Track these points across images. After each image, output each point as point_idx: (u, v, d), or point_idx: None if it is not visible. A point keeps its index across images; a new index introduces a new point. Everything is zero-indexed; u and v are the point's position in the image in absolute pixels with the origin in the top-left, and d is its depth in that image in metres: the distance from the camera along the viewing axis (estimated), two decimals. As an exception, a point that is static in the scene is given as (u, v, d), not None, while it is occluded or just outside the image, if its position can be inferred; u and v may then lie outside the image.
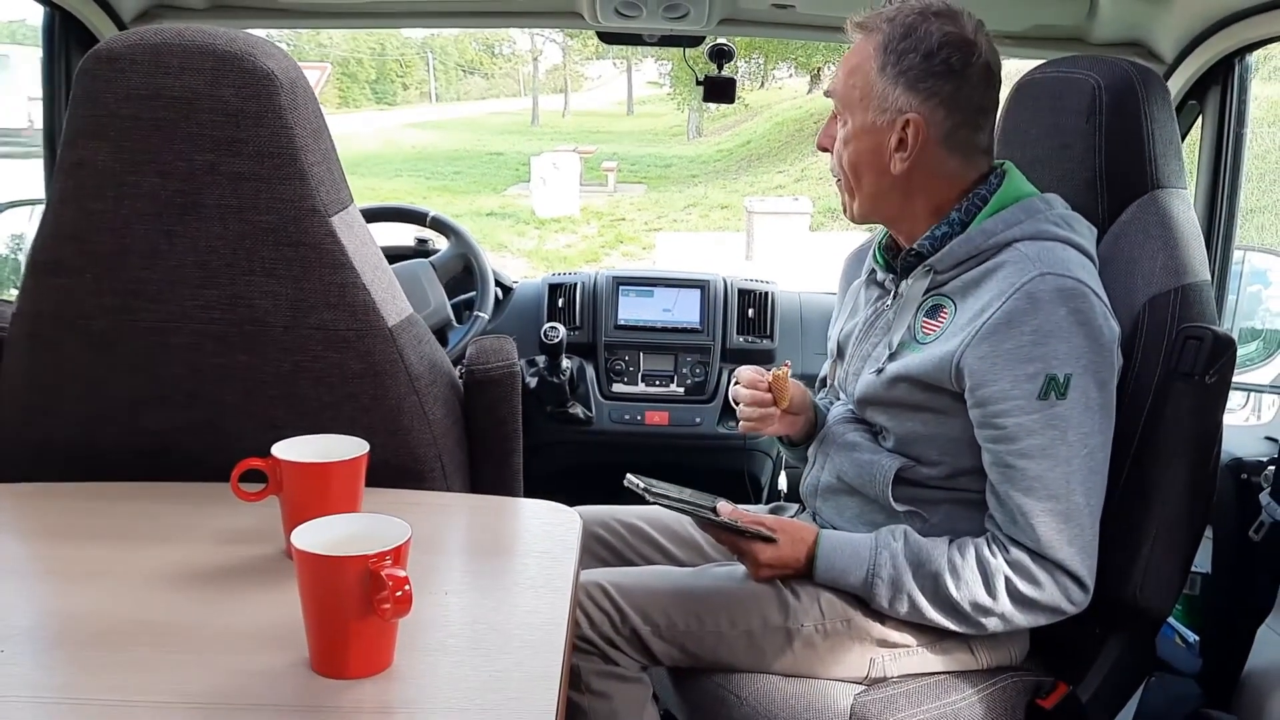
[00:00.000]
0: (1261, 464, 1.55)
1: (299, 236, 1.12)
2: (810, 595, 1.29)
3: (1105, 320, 1.20)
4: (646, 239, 12.18)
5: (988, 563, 1.21)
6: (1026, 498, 1.18)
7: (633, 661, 1.28)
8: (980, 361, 1.18)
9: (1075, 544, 1.19)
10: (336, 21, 2.01)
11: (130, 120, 1.09)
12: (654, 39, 2.00)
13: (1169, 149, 1.34)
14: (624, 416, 2.17)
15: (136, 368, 1.15)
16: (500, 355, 1.31)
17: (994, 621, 1.22)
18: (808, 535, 1.31)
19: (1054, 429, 1.17)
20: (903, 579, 1.24)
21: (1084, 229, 1.28)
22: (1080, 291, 1.18)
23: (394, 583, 0.77)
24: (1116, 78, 1.32)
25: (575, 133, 23.54)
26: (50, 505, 1.12)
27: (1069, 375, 1.17)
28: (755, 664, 1.29)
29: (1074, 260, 1.22)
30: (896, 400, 1.28)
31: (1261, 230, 7.84)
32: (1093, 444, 1.19)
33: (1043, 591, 1.20)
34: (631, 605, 1.27)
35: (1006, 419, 1.18)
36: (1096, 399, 1.19)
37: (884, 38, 1.24)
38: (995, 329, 1.18)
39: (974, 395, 1.20)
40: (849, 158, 1.28)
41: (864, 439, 1.35)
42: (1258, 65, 1.79)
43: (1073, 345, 1.17)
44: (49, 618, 0.91)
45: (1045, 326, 1.17)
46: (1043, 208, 1.26)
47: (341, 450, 1.00)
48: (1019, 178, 1.29)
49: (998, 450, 1.20)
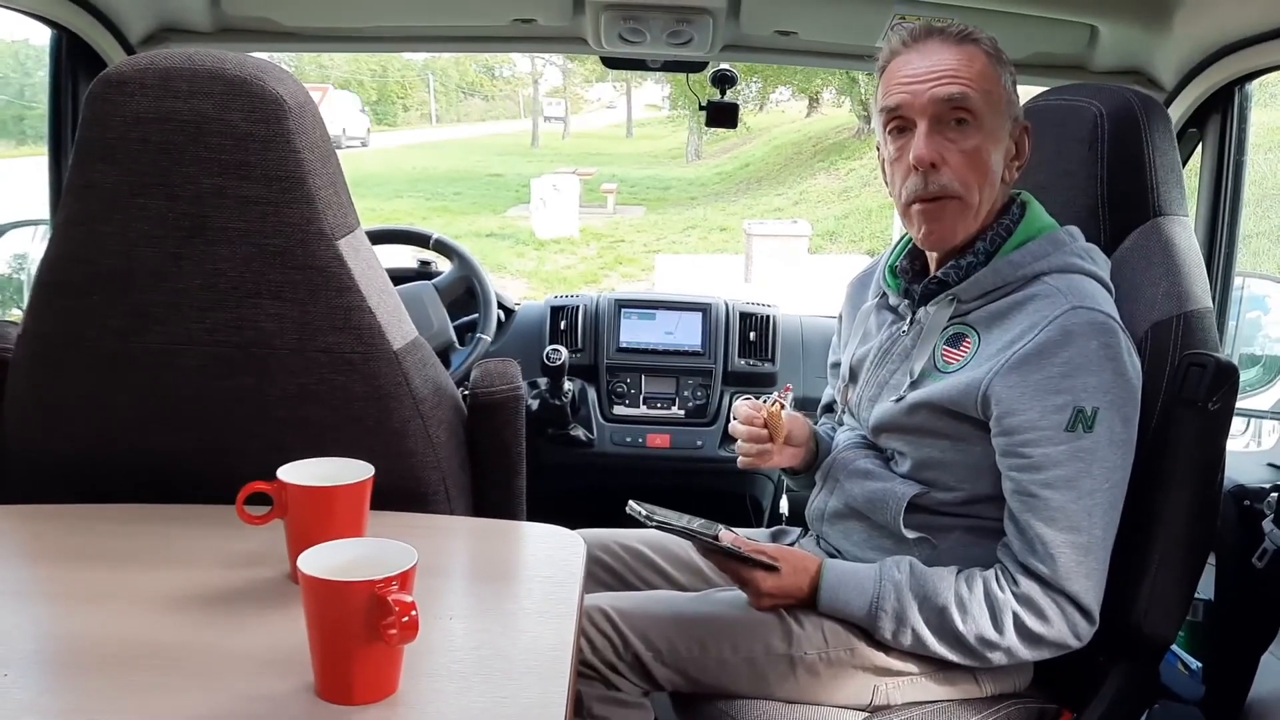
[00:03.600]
0: (1264, 491, 1.55)
1: (306, 259, 1.13)
2: (814, 623, 1.29)
3: (1130, 356, 1.21)
4: (646, 260, 12.19)
5: (996, 597, 1.20)
6: (1048, 528, 1.18)
7: (634, 687, 1.27)
8: (1009, 390, 1.18)
9: (1091, 577, 1.19)
10: (341, 45, 2.03)
11: (139, 143, 1.10)
12: (657, 64, 2.02)
13: (1170, 176, 1.35)
14: (625, 439, 2.17)
15: (142, 389, 1.15)
16: (505, 378, 1.31)
17: (999, 656, 1.22)
18: (810, 565, 1.30)
19: (1080, 461, 1.17)
20: (907, 612, 1.23)
21: (1102, 261, 1.29)
22: (1110, 327, 1.19)
23: (400, 608, 0.77)
24: (1118, 105, 1.34)
25: (575, 155, 23.62)
26: (54, 527, 1.11)
27: (1096, 409, 1.17)
28: (757, 691, 1.28)
29: (1100, 294, 1.22)
30: (916, 427, 1.28)
31: (1258, 255, 7.87)
32: (1115, 479, 1.19)
33: (1050, 627, 1.19)
34: (633, 630, 1.26)
35: (1033, 449, 1.18)
36: (1121, 434, 1.19)
37: (988, 47, 1.24)
38: (1026, 359, 1.18)
39: (1000, 424, 1.20)
40: (975, 170, 1.22)
41: (876, 466, 1.34)
42: (1254, 92, 1.80)
43: (1101, 379, 1.17)
44: (52, 641, 0.90)
45: (1076, 359, 1.17)
46: (1068, 241, 1.26)
47: (347, 474, 1.00)
48: (1040, 209, 1.30)
49: (1022, 479, 1.19)
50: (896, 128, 1.25)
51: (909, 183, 1.24)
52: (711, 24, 1.81)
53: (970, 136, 1.22)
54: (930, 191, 1.23)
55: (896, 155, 1.26)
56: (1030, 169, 1.40)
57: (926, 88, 1.21)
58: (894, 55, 1.26)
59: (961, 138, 1.22)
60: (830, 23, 1.83)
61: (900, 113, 1.24)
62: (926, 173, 1.22)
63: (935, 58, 1.22)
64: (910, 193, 1.24)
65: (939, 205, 1.24)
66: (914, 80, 1.22)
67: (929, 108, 1.21)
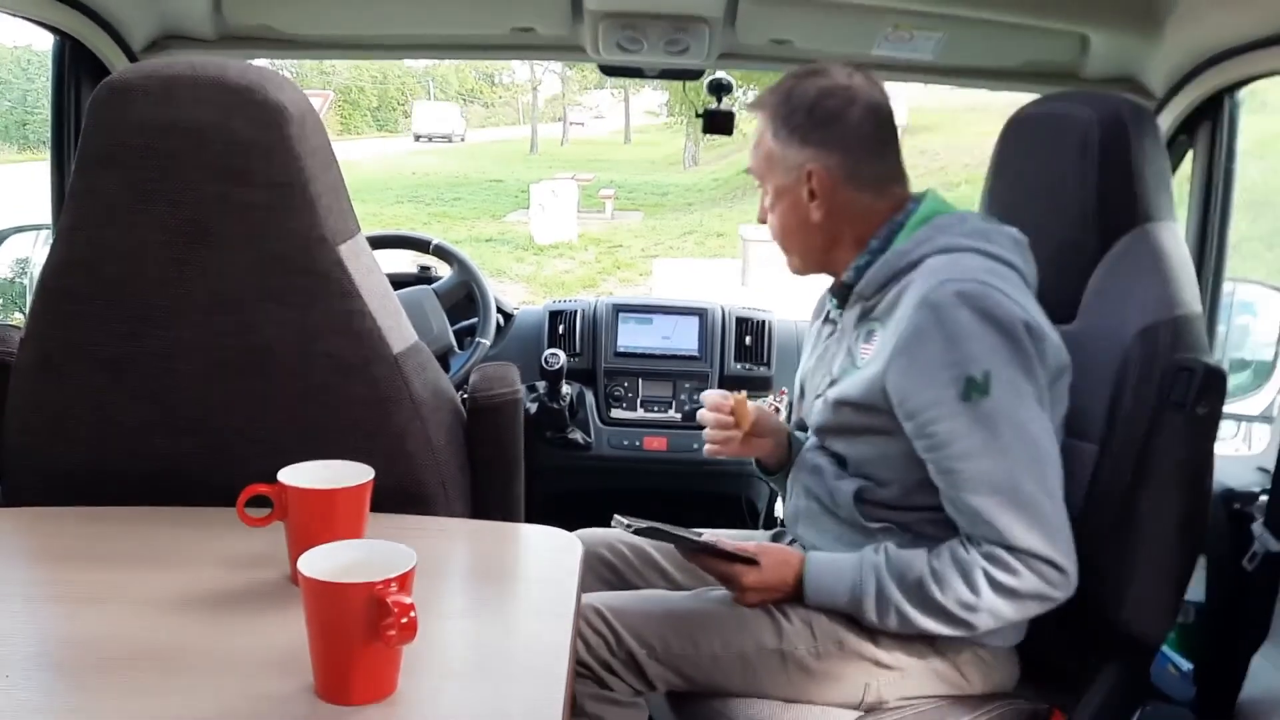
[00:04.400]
0: (1254, 494, 1.56)
1: (307, 265, 1.14)
2: (802, 618, 1.31)
3: (1013, 313, 1.21)
4: (643, 265, 12.21)
5: (964, 560, 1.22)
6: (976, 497, 1.19)
7: (627, 686, 1.29)
8: (901, 377, 1.22)
9: (1037, 530, 1.19)
10: (342, 52, 2.04)
11: (142, 150, 1.11)
12: (654, 72, 2.03)
13: (1159, 183, 1.36)
14: (623, 442, 2.18)
15: (144, 394, 1.16)
16: (504, 382, 1.33)
17: (983, 618, 1.22)
18: (793, 559, 1.32)
19: (984, 427, 1.19)
20: (888, 591, 1.25)
21: (1005, 240, 1.30)
22: (980, 291, 1.20)
23: (400, 609, 0.78)
24: (1108, 113, 1.35)
25: (574, 161, 23.64)
26: (56, 529, 1.12)
27: (987, 372, 1.19)
28: (750, 688, 1.29)
29: (981, 266, 1.24)
30: (844, 425, 1.32)
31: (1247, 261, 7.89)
32: (1031, 431, 1.20)
33: (1021, 580, 1.19)
34: (627, 628, 1.28)
35: (936, 426, 1.20)
36: (1027, 388, 1.20)
37: (771, 109, 1.35)
38: (908, 343, 1.22)
39: (902, 409, 1.23)
40: (777, 221, 1.38)
41: (827, 464, 1.37)
42: (1245, 100, 1.82)
43: (985, 343, 1.19)
44: (54, 643, 0.91)
45: (953, 331, 1.19)
46: (954, 223, 1.30)
47: (347, 476, 1.00)
48: (936, 200, 1.34)
49: (937, 458, 1.22)
50: None
51: None
52: (708, 33, 1.82)
53: (764, 198, 1.39)
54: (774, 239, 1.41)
55: None
56: (1022, 176, 1.41)
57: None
58: None
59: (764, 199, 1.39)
60: (825, 31, 1.85)
61: None
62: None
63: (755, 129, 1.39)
64: None
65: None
66: None
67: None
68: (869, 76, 1.34)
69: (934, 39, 1.80)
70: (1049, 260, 1.40)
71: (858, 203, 1.33)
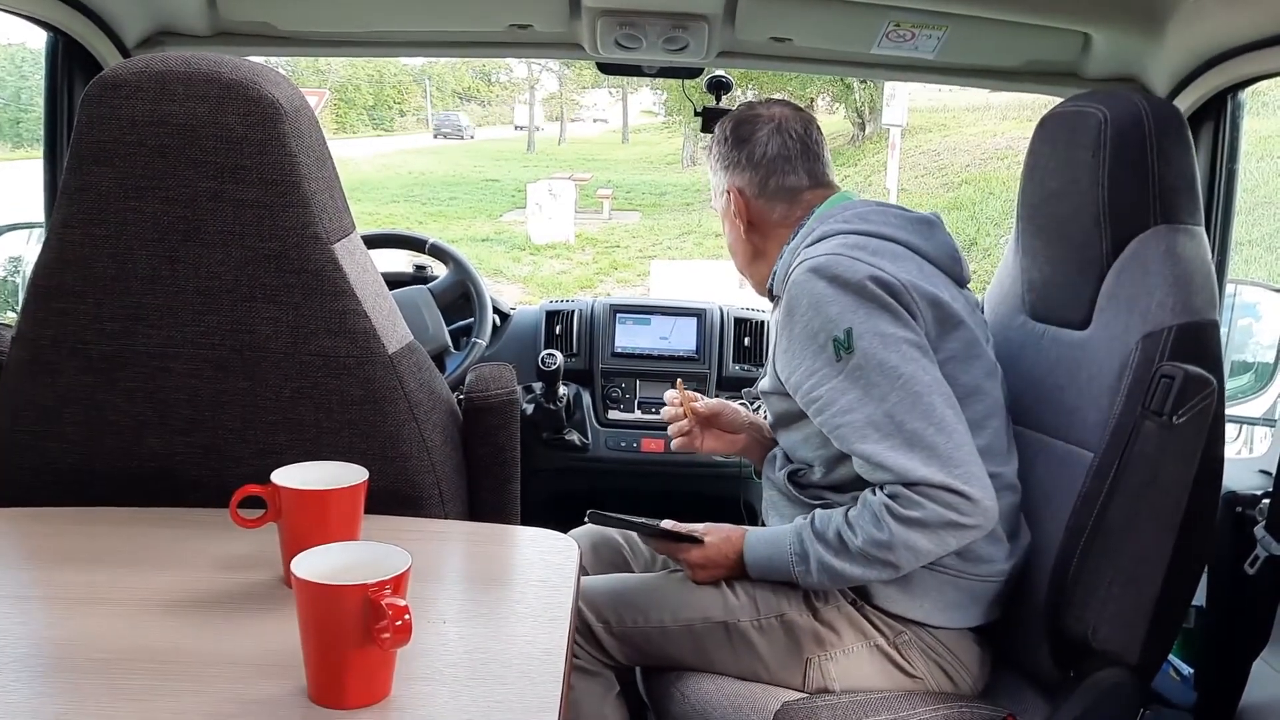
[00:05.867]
0: (1256, 497, 1.55)
1: (301, 263, 1.13)
2: (748, 592, 1.37)
3: (855, 270, 1.27)
4: (641, 266, 12.20)
5: (871, 503, 1.25)
6: (865, 444, 1.23)
7: (591, 658, 1.37)
8: (784, 356, 1.32)
9: (932, 463, 1.21)
10: (338, 50, 2.03)
11: (134, 146, 1.10)
12: (653, 70, 2.02)
13: (1180, 183, 1.31)
14: (620, 444, 2.17)
15: (137, 392, 1.15)
16: (499, 383, 1.32)
17: (901, 554, 1.23)
18: (735, 535, 1.39)
19: (859, 379, 1.24)
20: (812, 549, 1.29)
21: (889, 219, 1.36)
22: (828, 262, 1.28)
23: (394, 612, 0.77)
24: (1123, 111, 1.31)
25: (571, 160, 23.65)
26: (47, 530, 1.11)
27: (848, 330, 1.25)
28: (701, 661, 1.36)
29: (840, 243, 1.32)
30: (777, 415, 1.43)
31: (1250, 263, 7.90)
32: (906, 372, 1.24)
33: (925, 510, 1.21)
34: (587, 604, 1.36)
35: (817, 390, 1.28)
36: (896, 334, 1.25)
37: (709, 151, 1.52)
38: (782, 326, 1.33)
39: (790, 386, 1.32)
40: (728, 243, 1.53)
41: (780, 453, 1.47)
42: (1247, 100, 1.81)
43: (842, 304, 1.26)
44: (45, 644, 0.90)
45: (809, 303, 1.28)
46: (835, 212, 1.39)
47: (341, 477, 1.00)
48: (838, 196, 1.43)
49: (826, 420, 1.27)
50: None
51: None
52: (707, 30, 1.81)
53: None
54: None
55: None
56: (1046, 176, 1.39)
57: None
58: None
59: None
60: (825, 29, 1.84)
61: None
62: None
63: None
64: None
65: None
66: None
67: None
68: (792, 105, 1.50)
69: (935, 38, 1.79)
70: (1066, 263, 1.38)
71: (774, 213, 1.45)
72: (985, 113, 16.84)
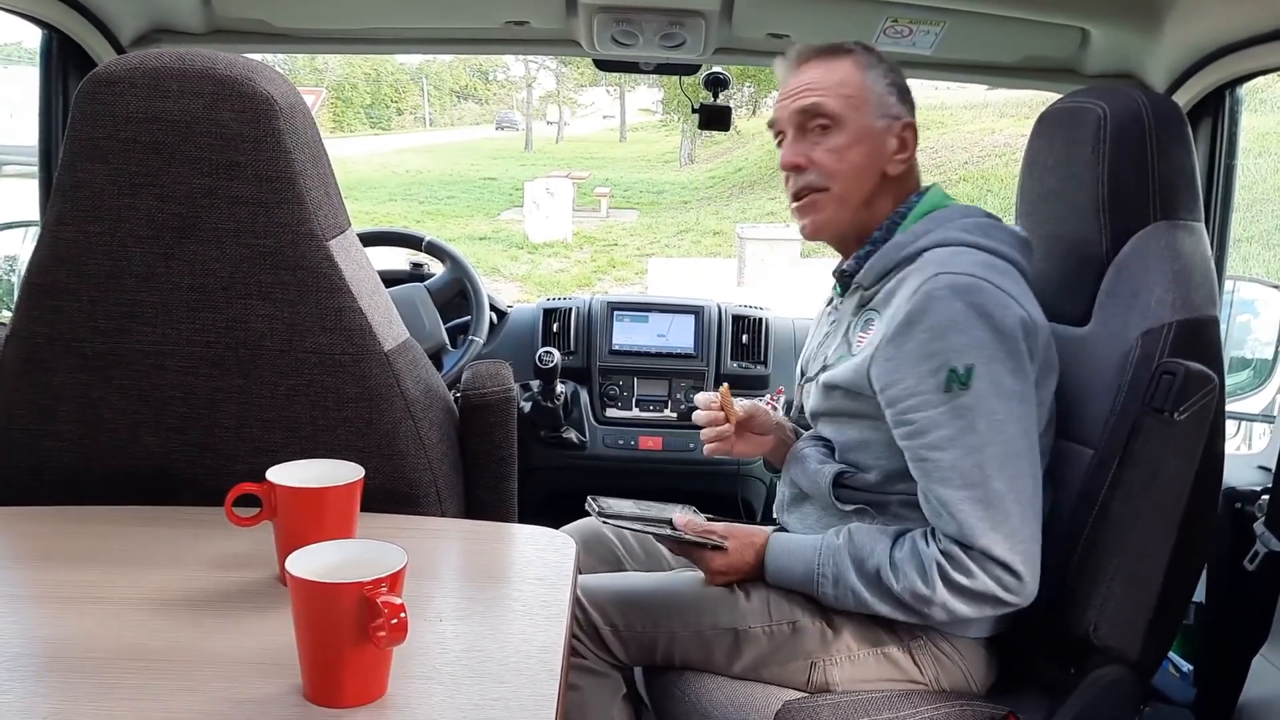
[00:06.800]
0: (1255, 493, 1.55)
1: (296, 260, 1.12)
2: (761, 597, 1.34)
3: (1008, 309, 1.21)
4: (639, 264, 12.20)
5: (923, 553, 1.23)
6: (944, 488, 1.20)
7: (598, 659, 1.34)
8: (886, 364, 1.24)
9: (1000, 530, 1.19)
10: (334, 47, 2.02)
11: (129, 143, 1.09)
12: (650, 67, 2.02)
13: (1179, 179, 1.31)
14: (618, 441, 2.17)
15: (131, 390, 1.15)
16: (496, 380, 1.31)
17: (937, 610, 1.22)
18: (757, 539, 1.36)
19: (961, 419, 1.19)
20: (845, 575, 1.27)
21: (1006, 235, 1.31)
22: (975, 285, 1.21)
23: (389, 610, 0.77)
24: (1123, 107, 1.31)
25: (569, 158, 23.65)
26: (42, 529, 1.11)
27: (970, 366, 1.19)
28: (706, 663, 1.34)
29: (978, 260, 1.25)
30: (834, 410, 1.35)
31: (1248, 260, 7.90)
32: (1010, 431, 1.20)
33: (975, 580, 1.19)
34: (594, 606, 1.33)
35: (915, 414, 1.22)
36: (1011, 386, 1.20)
37: (860, 57, 1.36)
38: (897, 332, 1.23)
39: (884, 396, 1.25)
40: (843, 164, 1.33)
41: (814, 450, 1.40)
42: (1245, 96, 1.81)
43: (972, 337, 1.20)
44: (39, 644, 0.89)
45: (941, 322, 1.20)
46: (953, 216, 1.32)
47: (336, 475, 0.99)
48: (938, 194, 1.37)
49: (912, 446, 1.23)
50: (778, 141, 1.40)
51: (787, 187, 1.39)
52: (704, 26, 1.81)
53: (832, 137, 1.34)
54: (797, 189, 1.36)
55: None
56: (1045, 172, 1.39)
57: (789, 103, 1.37)
58: (781, 80, 1.41)
59: (825, 139, 1.34)
60: (822, 26, 1.83)
61: (775, 127, 1.40)
62: (793, 174, 1.36)
63: (805, 76, 1.36)
64: (788, 195, 1.39)
65: (807, 201, 1.36)
66: (784, 98, 1.38)
67: (791, 120, 1.36)
68: None
69: (933, 34, 1.79)
70: (1065, 259, 1.37)
71: (909, 177, 1.38)
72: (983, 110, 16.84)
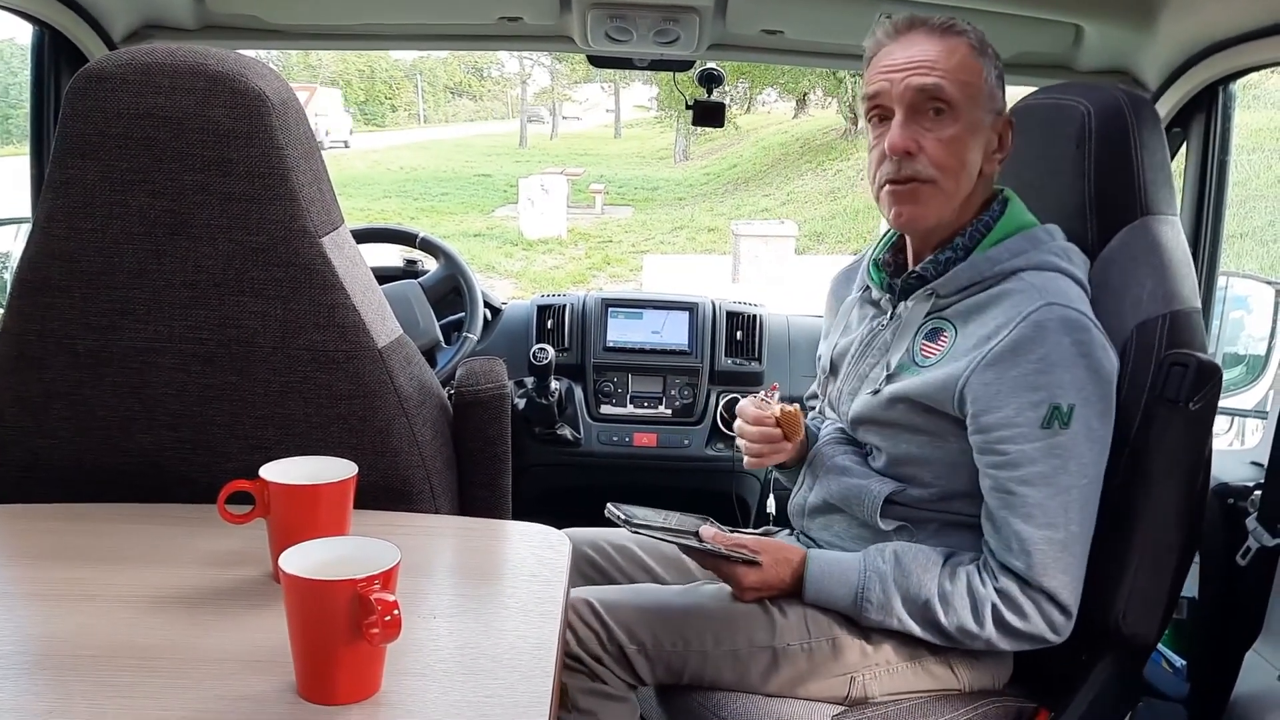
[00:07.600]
0: (1248, 489, 1.55)
1: (289, 257, 1.12)
2: (797, 614, 1.30)
3: (1105, 353, 1.22)
4: (634, 261, 12.19)
5: (977, 592, 1.22)
6: (1025, 524, 1.19)
7: (619, 680, 1.28)
8: (985, 388, 1.20)
9: (1068, 573, 1.20)
10: (328, 43, 2.02)
11: (120, 139, 1.09)
12: (644, 63, 2.01)
13: (1159, 176, 1.34)
14: (612, 438, 2.16)
15: (124, 387, 1.15)
16: (490, 377, 1.31)
17: (979, 644, 1.25)
18: (793, 556, 1.31)
19: (1056, 457, 1.18)
20: (892, 604, 1.25)
21: (1080, 260, 1.30)
22: (1084, 324, 1.20)
23: (383, 607, 0.76)
24: (1106, 104, 1.33)
25: (563, 155, 23.63)
26: (34, 526, 1.10)
27: (1072, 405, 1.18)
28: (739, 683, 1.29)
29: (1074, 292, 1.24)
30: (893, 421, 1.29)
31: (1241, 256, 7.92)
32: (1091, 474, 1.20)
33: (1028, 622, 1.21)
34: (618, 623, 1.27)
35: (1010, 445, 1.19)
36: (1098, 430, 1.21)
37: (973, 40, 1.26)
38: (1001, 356, 1.19)
39: (977, 421, 1.21)
40: (952, 157, 1.24)
41: (854, 462, 1.35)
42: (1239, 93, 1.81)
43: (1076, 376, 1.18)
44: (32, 641, 0.89)
45: (1051, 356, 1.18)
46: (1046, 239, 1.28)
47: (330, 472, 0.99)
48: (1020, 207, 1.32)
49: (999, 476, 1.21)
50: (877, 116, 1.27)
51: (884, 168, 1.26)
52: (698, 23, 1.81)
53: (946, 126, 1.24)
54: (902, 175, 1.25)
55: (875, 142, 1.28)
56: (1019, 168, 1.40)
57: (903, 77, 1.24)
58: (880, 46, 1.29)
59: (938, 127, 1.24)
60: (817, 22, 1.83)
61: (879, 101, 1.26)
62: (900, 159, 1.24)
63: (916, 49, 1.24)
64: (884, 176, 1.27)
65: (910, 189, 1.25)
66: (893, 70, 1.25)
67: (905, 96, 1.24)
68: None
69: (926, 30, 1.79)
70: None
71: (992, 177, 1.31)
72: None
